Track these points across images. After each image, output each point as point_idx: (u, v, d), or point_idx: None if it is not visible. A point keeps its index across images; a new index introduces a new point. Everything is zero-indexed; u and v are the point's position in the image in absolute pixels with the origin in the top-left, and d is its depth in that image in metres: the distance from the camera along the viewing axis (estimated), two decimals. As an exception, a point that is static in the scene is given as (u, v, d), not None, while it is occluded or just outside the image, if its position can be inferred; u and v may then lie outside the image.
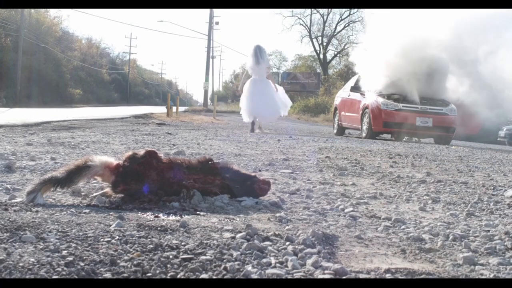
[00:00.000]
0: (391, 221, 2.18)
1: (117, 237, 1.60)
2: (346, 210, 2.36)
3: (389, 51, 10.83)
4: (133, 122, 12.38)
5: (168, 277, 1.31)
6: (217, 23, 45.55)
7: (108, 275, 1.28)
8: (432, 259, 1.64)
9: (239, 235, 1.72)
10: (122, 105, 43.78)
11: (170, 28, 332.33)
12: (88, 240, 1.55)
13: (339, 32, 45.88)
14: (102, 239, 1.57)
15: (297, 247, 1.63)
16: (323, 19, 45.38)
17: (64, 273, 1.26)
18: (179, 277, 1.32)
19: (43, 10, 40.32)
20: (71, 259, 1.35)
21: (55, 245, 1.46)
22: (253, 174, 2.62)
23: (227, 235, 1.73)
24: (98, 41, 60.33)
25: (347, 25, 44.71)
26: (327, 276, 1.38)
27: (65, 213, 1.96)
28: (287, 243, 1.67)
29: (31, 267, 1.27)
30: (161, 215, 2.02)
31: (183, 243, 1.59)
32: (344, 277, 1.38)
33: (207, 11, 41.40)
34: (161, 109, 28.16)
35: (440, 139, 11.04)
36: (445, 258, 1.66)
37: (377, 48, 11.17)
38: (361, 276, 1.40)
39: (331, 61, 47.08)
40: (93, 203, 2.23)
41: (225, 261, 1.45)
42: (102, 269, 1.32)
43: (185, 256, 1.47)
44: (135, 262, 1.37)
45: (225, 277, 1.34)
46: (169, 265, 1.39)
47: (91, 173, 2.30)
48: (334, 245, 1.73)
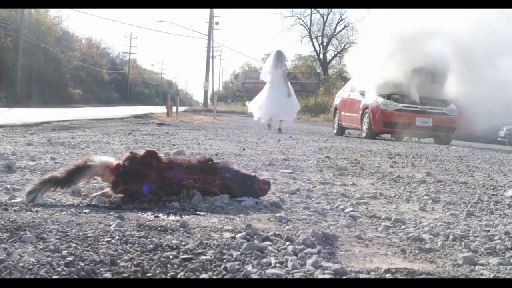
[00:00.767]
0: (391, 221, 2.18)
1: (117, 237, 1.60)
2: (346, 210, 2.36)
3: (386, 49, 10.78)
4: (133, 122, 12.38)
5: (168, 277, 1.31)
6: (217, 23, 45.57)
7: (108, 275, 1.28)
8: (432, 259, 1.64)
9: (239, 235, 1.72)
10: (122, 105, 43.78)
11: (170, 28, 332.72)
12: (88, 240, 1.55)
13: (339, 32, 45.95)
14: (102, 239, 1.57)
15: (297, 247, 1.63)
16: (323, 19, 45.45)
17: (64, 273, 1.26)
18: (179, 277, 1.32)
19: (43, 10, 40.38)
20: (71, 259, 1.35)
21: (55, 245, 1.46)
22: (253, 174, 2.62)
23: (227, 235, 1.73)
24: (98, 41, 60.43)
25: (347, 25, 44.75)
26: (327, 276, 1.38)
27: (65, 213, 1.96)
28: (287, 243, 1.67)
29: (31, 267, 1.27)
30: (161, 215, 2.02)
31: (183, 243, 1.59)
32: (344, 277, 1.38)
33: (207, 11, 41.43)
34: (161, 109, 28.15)
35: (440, 139, 11.04)
36: (445, 258, 1.66)
37: (372, 45, 11.14)
38: (361, 276, 1.40)
39: (331, 61, 47.11)
40: (93, 203, 2.23)
41: (225, 261, 1.45)
42: (102, 269, 1.32)
43: (185, 256, 1.47)
44: (135, 262, 1.37)
45: (225, 277, 1.34)
46: (169, 265, 1.39)
47: (91, 173, 2.30)
48: (334, 245, 1.73)
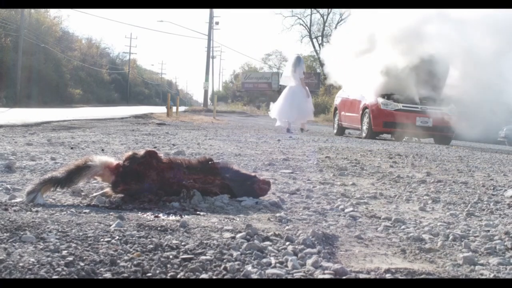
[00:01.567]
0: (391, 221, 2.18)
1: (117, 237, 1.60)
2: (346, 210, 2.36)
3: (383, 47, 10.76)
4: (133, 122, 12.38)
5: (168, 277, 1.31)
6: (217, 23, 45.59)
7: (108, 275, 1.28)
8: (432, 259, 1.64)
9: (239, 235, 1.72)
10: (122, 105, 43.78)
11: (170, 28, 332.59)
12: (88, 240, 1.55)
13: (339, 32, 45.84)
14: (102, 239, 1.57)
15: (297, 247, 1.63)
16: (323, 19, 45.39)
17: (64, 273, 1.26)
18: (179, 277, 1.32)
19: (43, 10, 40.37)
20: (71, 259, 1.35)
21: (55, 245, 1.46)
22: (253, 174, 2.62)
23: (227, 235, 1.73)
24: (98, 41, 60.41)
25: (347, 25, 44.66)
26: (327, 276, 1.38)
27: (65, 213, 1.96)
28: (287, 243, 1.67)
29: (31, 267, 1.27)
30: (161, 215, 2.02)
31: (183, 243, 1.59)
32: (344, 277, 1.38)
33: (207, 11, 41.46)
34: (161, 109, 28.16)
35: (440, 139, 11.04)
36: (445, 258, 1.66)
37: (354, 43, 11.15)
38: (361, 276, 1.40)
39: (331, 61, 47.00)
40: (93, 203, 2.23)
41: (225, 261, 1.45)
42: (102, 269, 1.32)
43: (185, 256, 1.47)
44: (135, 262, 1.37)
45: (225, 277, 1.34)
46: (169, 265, 1.39)
47: (91, 173, 2.30)
48: (334, 245, 1.73)
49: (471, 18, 9.62)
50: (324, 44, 45.00)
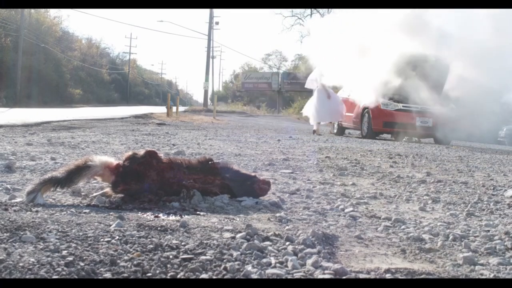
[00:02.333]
0: (391, 221, 2.18)
1: (117, 237, 1.60)
2: (346, 210, 2.36)
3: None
4: (133, 122, 12.38)
5: (168, 277, 1.31)
6: (217, 23, 45.54)
7: (108, 275, 1.28)
8: (432, 259, 1.64)
9: (239, 235, 1.72)
10: (122, 105, 43.77)
11: (170, 28, 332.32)
12: (88, 240, 1.55)
13: (339, 32, 45.84)
14: (102, 239, 1.57)
15: (297, 247, 1.63)
16: (323, 19, 45.35)
17: (64, 273, 1.26)
18: (179, 277, 1.32)
19: (43, 10, 40.36)
20: (71, 259, 1.35)
21: (55, 245, 1.46)
22: (253, 174, 2.62)
23: (227, 235, 1.73)
24: (98, 41, 60.36)
25: (347, 25, 44.66)
26: (327, 276, 1.38)
27: (65, 213, 1.96)
28: (287, 243, 1.67)
29: (31, 267, 1.27)
30: (161, 215, 2.02)
31: (183, 243, 1.59)
32: (344, 277, 1.38)
33: (207, 11, 41.42)
34: (161, 109, 28.15)
35: (440, 139, 11.03)
36: (445, 258, 1.66)
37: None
38: (361, 276, 1.40)
39: (331, 61, 47.01)
40: (93, 203, 2.23)
41: (225, 261, 1.45)
42: (102, 269, 1.32)
43: (185, 256, 1.47)
44: (135, 262, 1.37)
45: (225, 277, 1.34)
46: (169, 265, 1.39)
47: (91, 173, 2.30)
48: (334, 245, 1.73)
49: (472, 16, 9.62)
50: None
